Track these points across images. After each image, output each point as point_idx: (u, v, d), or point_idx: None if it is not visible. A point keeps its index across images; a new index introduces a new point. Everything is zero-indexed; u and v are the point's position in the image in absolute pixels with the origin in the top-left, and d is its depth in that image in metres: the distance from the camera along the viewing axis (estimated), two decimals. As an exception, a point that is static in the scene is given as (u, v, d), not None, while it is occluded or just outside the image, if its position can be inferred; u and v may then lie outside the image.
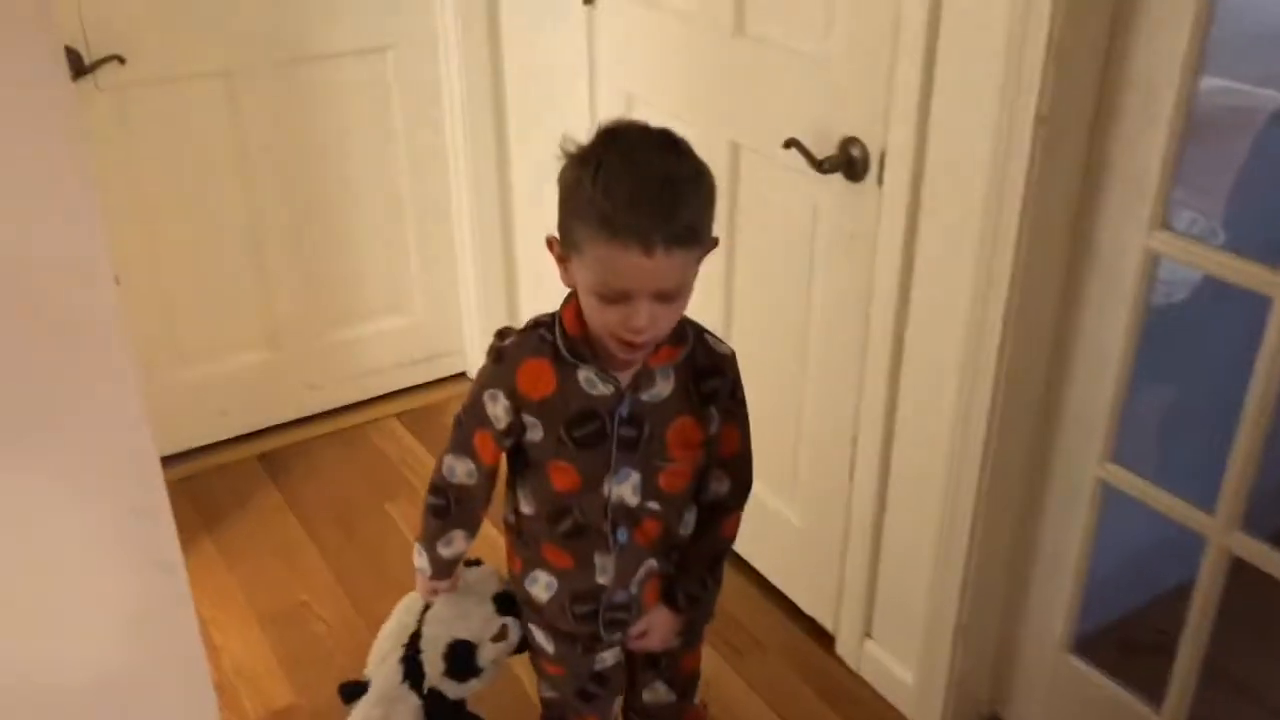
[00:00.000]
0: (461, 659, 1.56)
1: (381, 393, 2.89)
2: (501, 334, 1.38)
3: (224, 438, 2.72)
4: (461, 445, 1.41)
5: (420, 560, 1.53)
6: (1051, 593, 1.81)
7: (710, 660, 1.74)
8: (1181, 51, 1.41)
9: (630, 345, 1.26)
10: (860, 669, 2.08)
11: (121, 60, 2.28)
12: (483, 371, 1.38)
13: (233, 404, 2.71)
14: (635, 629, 1.52)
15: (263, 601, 2.28)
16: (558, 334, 1.32)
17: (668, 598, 1.51)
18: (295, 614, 2.25)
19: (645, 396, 1.34)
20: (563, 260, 1.28)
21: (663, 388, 1.34)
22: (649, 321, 1.22)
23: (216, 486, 2.61)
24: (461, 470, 1.42)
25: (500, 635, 1.56)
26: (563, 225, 1.25)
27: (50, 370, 0.95)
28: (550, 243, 1.29)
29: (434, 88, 2.67)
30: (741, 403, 1.44)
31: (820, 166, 1.76)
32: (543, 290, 1.43)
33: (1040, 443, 1.74)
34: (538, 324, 1.35)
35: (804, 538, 2.14)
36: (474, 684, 1.59)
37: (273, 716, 2.02)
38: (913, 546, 1.89)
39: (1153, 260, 1.53)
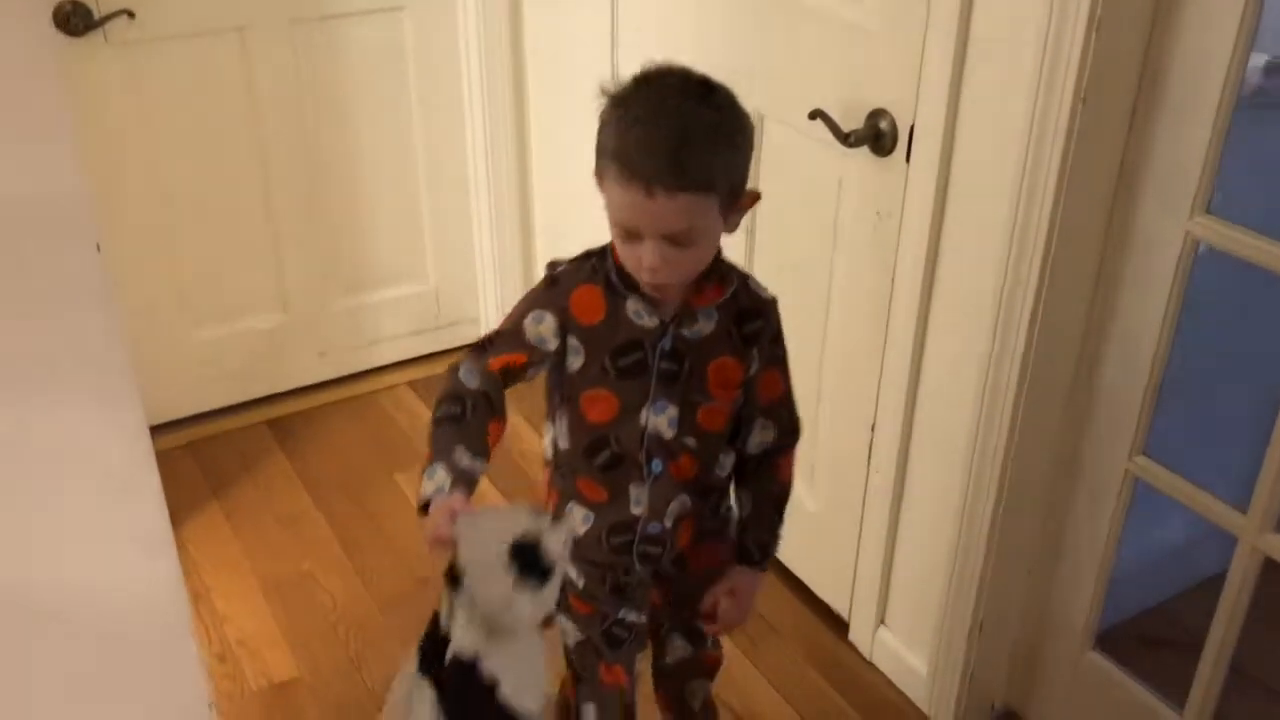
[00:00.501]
0: (528, 558, 1.24)
1: (393, 360, 2.85)
2: (553, 264, 1.40)
3: (233, 402, 2.68)
4: (480, 361, 1.34)
5: (433, 480, 1.24)
6: (1074, 587, 1.76)
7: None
8: (1232, 29, 1.34)
9: (653, 283, 1.29)
10: (873, 657, 2.04)
11: (131, 15, 2.23)
12: (531, 294, 1.38)
13: (242, 369, 2.67)
14: (709, 598, 1.48)
15: (267, 570, 2.25)
16: (609, 264, 1.34)
17: (741, 556, 1.49)
18: (300, 583, 2.22)
19: (687, 333, 1.36)
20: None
21: (705, 326, 1.36)
22: (660, 262, 1.25)
23: (224, 452, 2.58)
24: (478, 381, 1.34)
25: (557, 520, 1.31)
26: (596, 159, 1.28)
27: (29, 343, 0.91)
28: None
29: (451, 49, 2.60)
30: (783, 349, 1.44)
31: (846, 139, 1.70)
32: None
33: (1068, 433, 1.69)
34: (589, 254, 1.37)
35: (820, 522, 2.09)
36: (549, 593, 1.24)
37: (274, 689, 1.99)
38: (930, 536, 1.84)
39: (1193, 246, 1.46)
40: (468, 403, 1.32)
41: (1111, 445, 1.63)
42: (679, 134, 1.20)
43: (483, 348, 1.37)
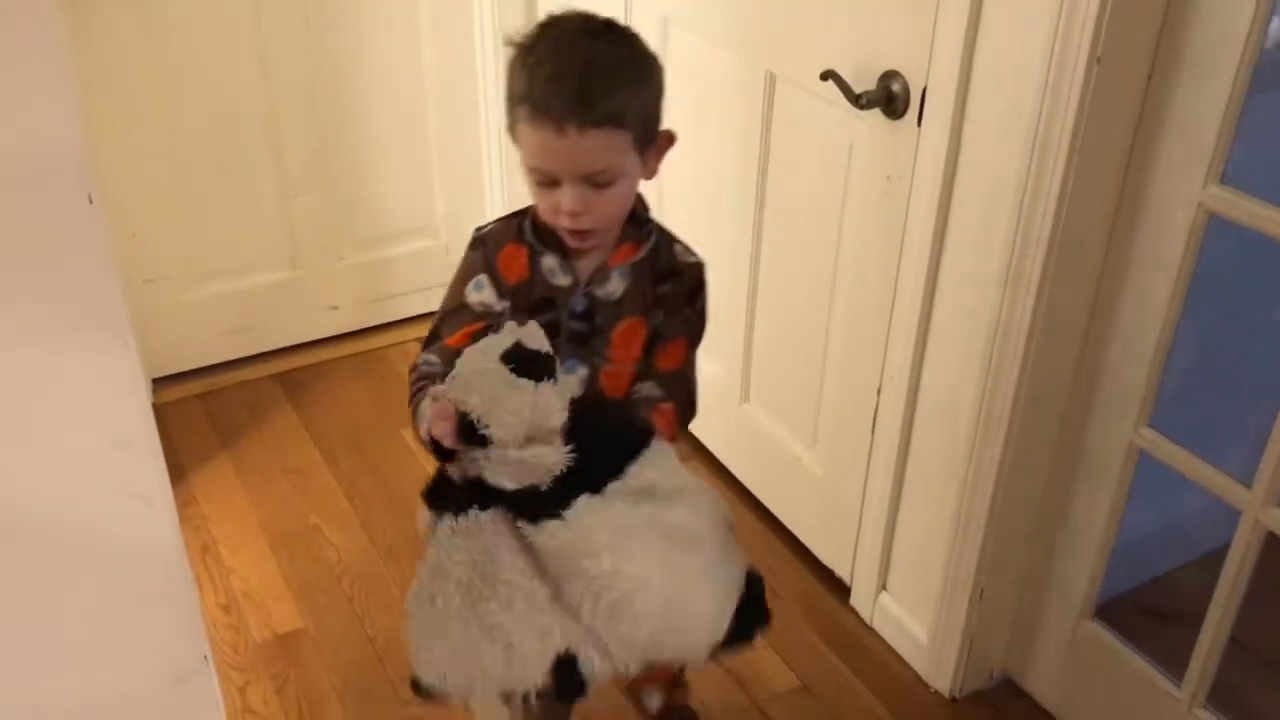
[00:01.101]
0: (521, 360, 1.17)
1: (403, 316, 2.85)
2: (479, 228, 1.40)
3: (242, 355, 2.69)
4: (436, 347, 1.34)
5: (424, 414, 1.24)
6: (1076, 558, 1.75)
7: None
8: (1254, -9, 1.31)
9: (574, 233, 1.28)
10: (873, 622, 2.04)
11: (141, -39, 2.22)
12: (462, 264, 1.37)
13: (252, 322, 2.68)
14: None
15: (274, 522, 2.27)
16: (528, 221, 1.34)
17: None
18: (306, 536, 2.23)
19: (600, 293, 1.34)
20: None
21: (616, 287, 1.34)
22: (580, 205, 1.24)
23: (233, 404, 2.59)
24: (442, 365, 1.32)
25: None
26: (506, 110, 1.27)
27: (17, 296, 0.91)
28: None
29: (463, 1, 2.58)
30: (699, 318, 1.39)
31: (858, 101, 1.68)
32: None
33: (1074, 402, 1.67)
34: (515, 214, 1.37)
35: (824, 487, 2.08)
36: (562, 381, 1.19)
37: (278, 640, 2.01)
38: (933, 503, 1.83)
39: (1206, 216, 1.44)
40: (438, 379, 1.28)
41: (1117, 416, 1.62)
42: (583, 69, 1.20)
43: (435, 336, 1.35)
